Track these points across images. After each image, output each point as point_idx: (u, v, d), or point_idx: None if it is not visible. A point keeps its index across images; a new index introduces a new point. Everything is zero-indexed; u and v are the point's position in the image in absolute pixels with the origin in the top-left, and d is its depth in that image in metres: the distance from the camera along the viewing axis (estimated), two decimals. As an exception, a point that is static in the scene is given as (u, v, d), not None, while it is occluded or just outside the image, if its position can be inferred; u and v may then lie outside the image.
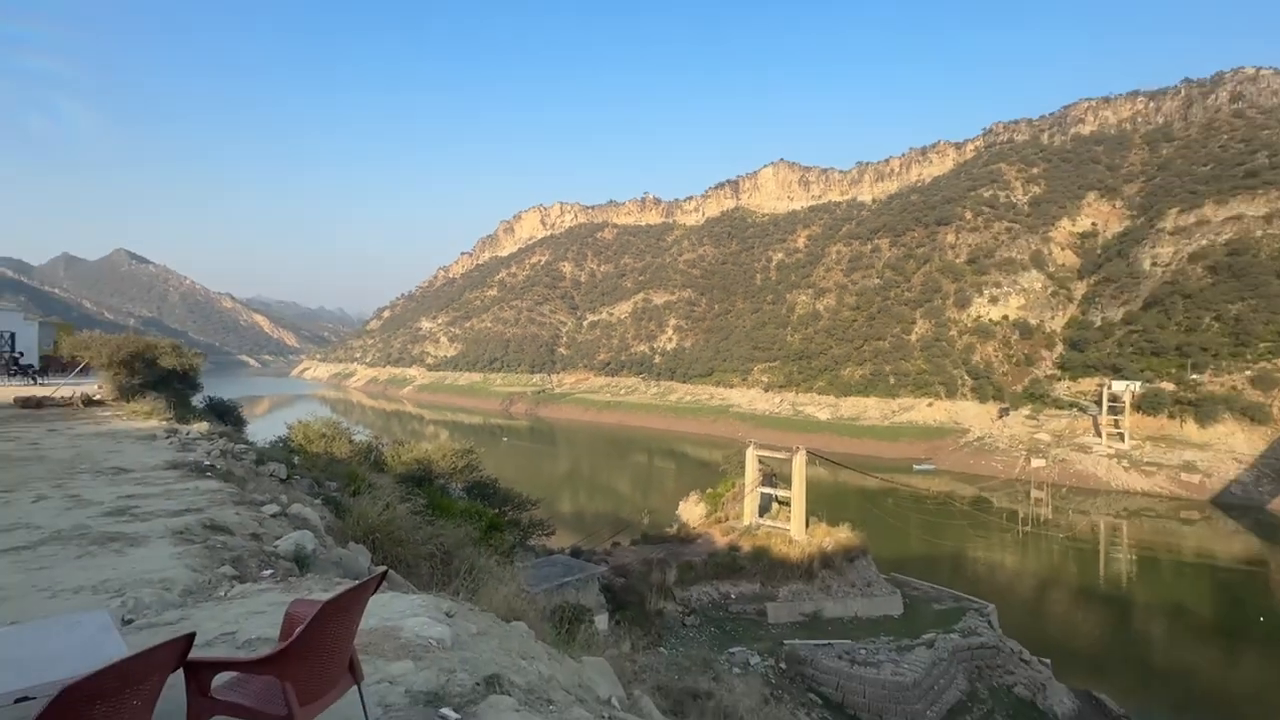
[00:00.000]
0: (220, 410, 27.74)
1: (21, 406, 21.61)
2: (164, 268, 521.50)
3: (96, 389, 24.25)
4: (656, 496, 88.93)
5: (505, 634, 5.77)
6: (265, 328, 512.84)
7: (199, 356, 28.59)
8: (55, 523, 7.94)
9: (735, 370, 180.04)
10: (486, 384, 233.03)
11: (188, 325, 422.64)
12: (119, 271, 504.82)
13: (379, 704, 3.78)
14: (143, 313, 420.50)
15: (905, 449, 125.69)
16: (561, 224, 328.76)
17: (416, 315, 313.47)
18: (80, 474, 11.21)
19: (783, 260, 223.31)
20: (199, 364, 28.09)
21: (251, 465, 13.88)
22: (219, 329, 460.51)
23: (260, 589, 6.01)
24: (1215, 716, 41.80)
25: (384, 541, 10.50)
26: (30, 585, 5.85)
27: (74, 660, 2.86)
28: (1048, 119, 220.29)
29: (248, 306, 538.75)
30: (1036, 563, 70.79)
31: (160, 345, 26.08)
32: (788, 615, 43.03)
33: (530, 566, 30.94)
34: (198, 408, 26.53)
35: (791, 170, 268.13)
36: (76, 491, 9.74)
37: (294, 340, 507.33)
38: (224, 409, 28.26)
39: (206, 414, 25.38)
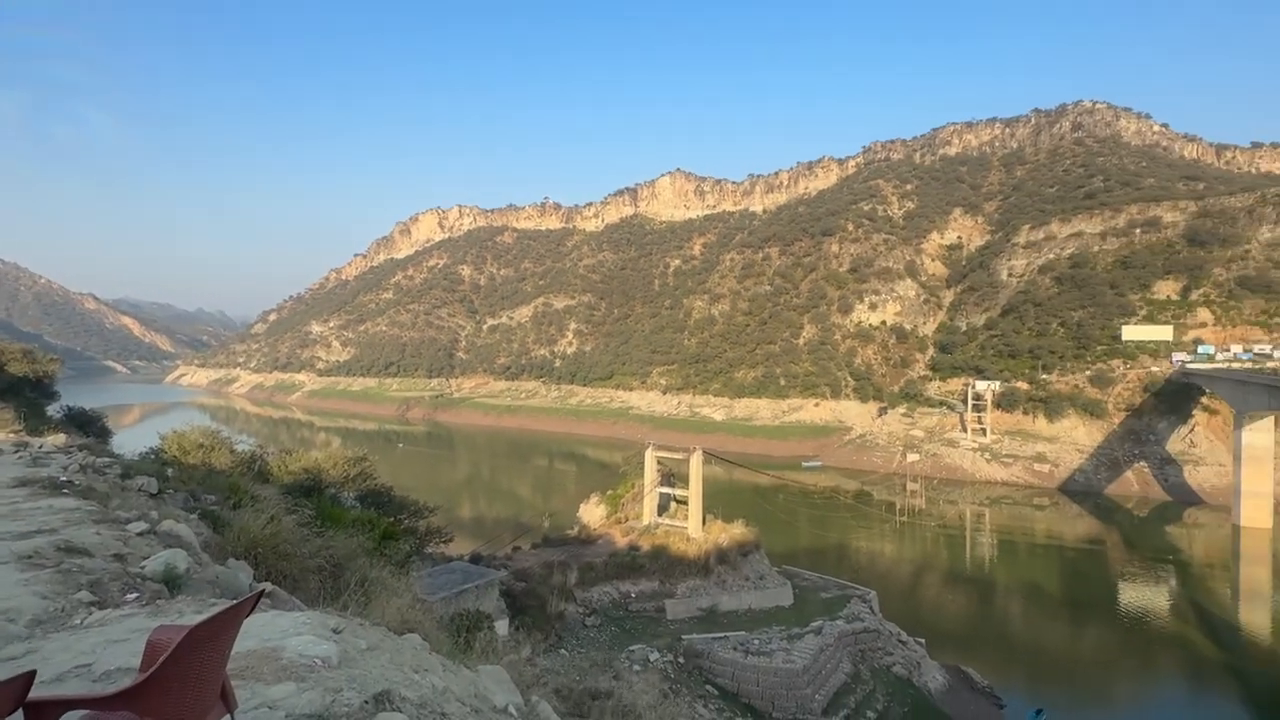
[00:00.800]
0: (81, 420, 25.34)
1: None
2: (14, 265, 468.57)
3: (-70, 399, 21.55)
4: (558, 499, 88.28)
5: (397, 647, 5.53)
6: (135, 331, 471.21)
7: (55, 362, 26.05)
8: (-127, 551, 6.94)
9: (635, 373, 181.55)
10: (382, 389, 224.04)
11: (43, 328, 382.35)
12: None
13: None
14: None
15: (795, 447, 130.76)
16: (460, 227, 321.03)
17: (306, 318, 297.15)
18: (-94, 495, 9.88)
19: (680, 267, 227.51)
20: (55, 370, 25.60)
21: (117, 480, 12.72)
22: (80, 332, 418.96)
23: (123, 615, 5.48)
24: (1064, 680, 45.89)
25: (268, 556, 9.86)
26: None
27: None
28: (919, 140, 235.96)
29: (114, 308, 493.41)
30: (912, 550, 75.34)
31: (8, 350, 23.53)
32: (686, 611, 43.73)
33: (427, 575, 29.93)
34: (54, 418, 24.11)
35: (688, 180, 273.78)
36: (-99, 515, 8.57)
37: (169, 344, 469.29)
38: (86, 419, 25.83)
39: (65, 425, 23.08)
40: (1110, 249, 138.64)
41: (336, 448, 35.75)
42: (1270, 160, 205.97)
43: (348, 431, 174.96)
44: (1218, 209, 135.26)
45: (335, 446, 45.70)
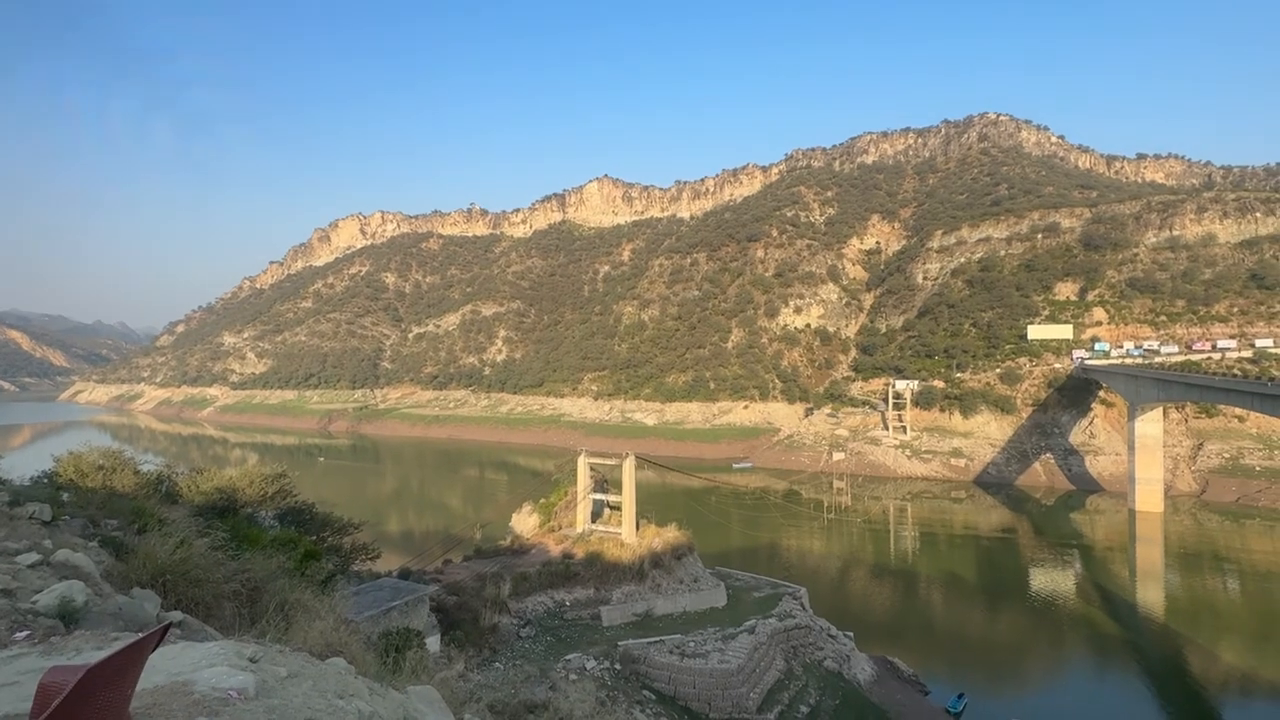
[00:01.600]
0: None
1: None
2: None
3: None
4: (490, 510, 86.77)
5: (320, 674, 5.30)
6: (24, 345, 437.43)
7: (-69, 382, 23.82)
8: None
9: (566, 380, 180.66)
10: (302, 402, 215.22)
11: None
12: None
13: (165, 773, 3.31)
14: None
15: (725, 449, 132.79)
16: (383, 233, 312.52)
17: (217, 329, 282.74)
18: None
19: (609, 272, 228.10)
20: (-69, 390, 23.40)
21: (4, 508, 11.75)
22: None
23: (11, 655, 5.06)
24: (983, 664, 48.18)
25: (177, 583, 9.31)
26: None
27: None
28: (839, 148, 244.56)
29: (0, 322, 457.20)
30: (840, 546, 77.62)
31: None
32: (621, 617, 43.69)
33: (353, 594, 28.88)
34: (-71, 443, 22.08)
35: (615, 186, 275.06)
36: None
37: (63, 359, 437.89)
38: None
39: (-58, 449, 21.15)
40: (1015, 253, 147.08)
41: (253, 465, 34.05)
42: (1154, 170, 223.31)
43: (266, 447, 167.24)
44: (1109, 215, 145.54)
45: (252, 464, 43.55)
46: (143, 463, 26.00)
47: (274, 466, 29.71)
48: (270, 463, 30.60)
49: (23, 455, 50.25)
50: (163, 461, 32.70)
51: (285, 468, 30.76)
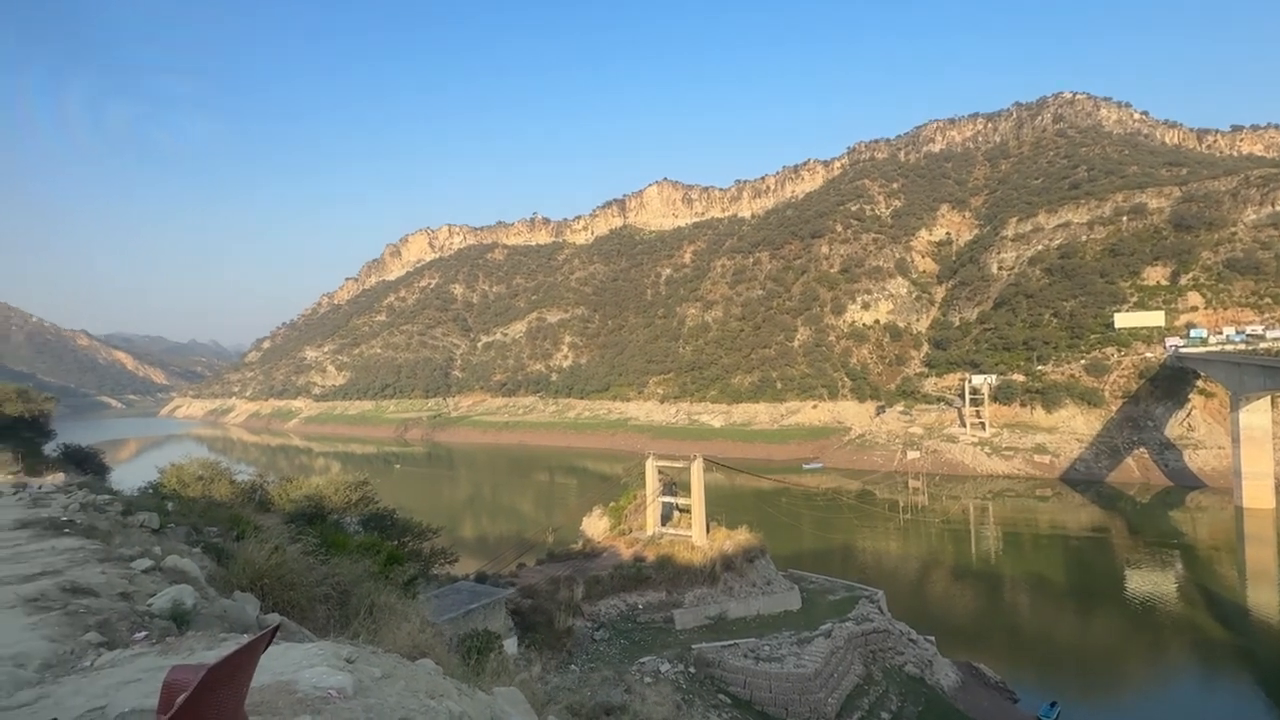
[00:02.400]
0: (78, 458, 25.21)
1: None
2: (4, 304, 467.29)
3: (-75, 444, 21.43)
4: (560, 514, 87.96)
5: (411, 674, 5.50)
6: (128, 365, 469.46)
7: (50, 401, 25.97)
8: (-124, 602, 6.87)
9: (631, 384, 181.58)
10: (379, 411, 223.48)
11: (36, 367, 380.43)
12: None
13: (276, 767, 3.50)
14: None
15: (795, 450, 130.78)
16: (450, 246, 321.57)
17: (300, 344, 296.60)
18: (-93, 543, 9.79)
19: (671, 275, 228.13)
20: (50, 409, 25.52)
21: (118, 517, 12.63)
22: (74, 369, 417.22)
23: (133, 655, 5.44)
24: (1076, 670, 45.80)
25: (274, 587, 9.79)
26: None
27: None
28: (903, 138, 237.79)
29: (106, 343, 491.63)
30: (918, 547, 75.27)
31: (3, 391, 23.42)
32: (694, 620, 43.55)
33: (434, 597, 29.78)
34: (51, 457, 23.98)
35: (675, 189, 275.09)
36: (-97, 564, 8.49)
37: (162, 377, 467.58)
38: (83, 456, 25.71)
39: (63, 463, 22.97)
40: (1098, 238, 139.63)
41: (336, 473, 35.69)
42: (1251, 143, 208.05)
43: (347, 455, 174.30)
44: (1202, 193, 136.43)
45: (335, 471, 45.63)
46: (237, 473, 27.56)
47: (356, 474, 30.98)
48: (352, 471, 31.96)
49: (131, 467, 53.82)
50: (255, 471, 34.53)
51: (366, 475, 31.99)
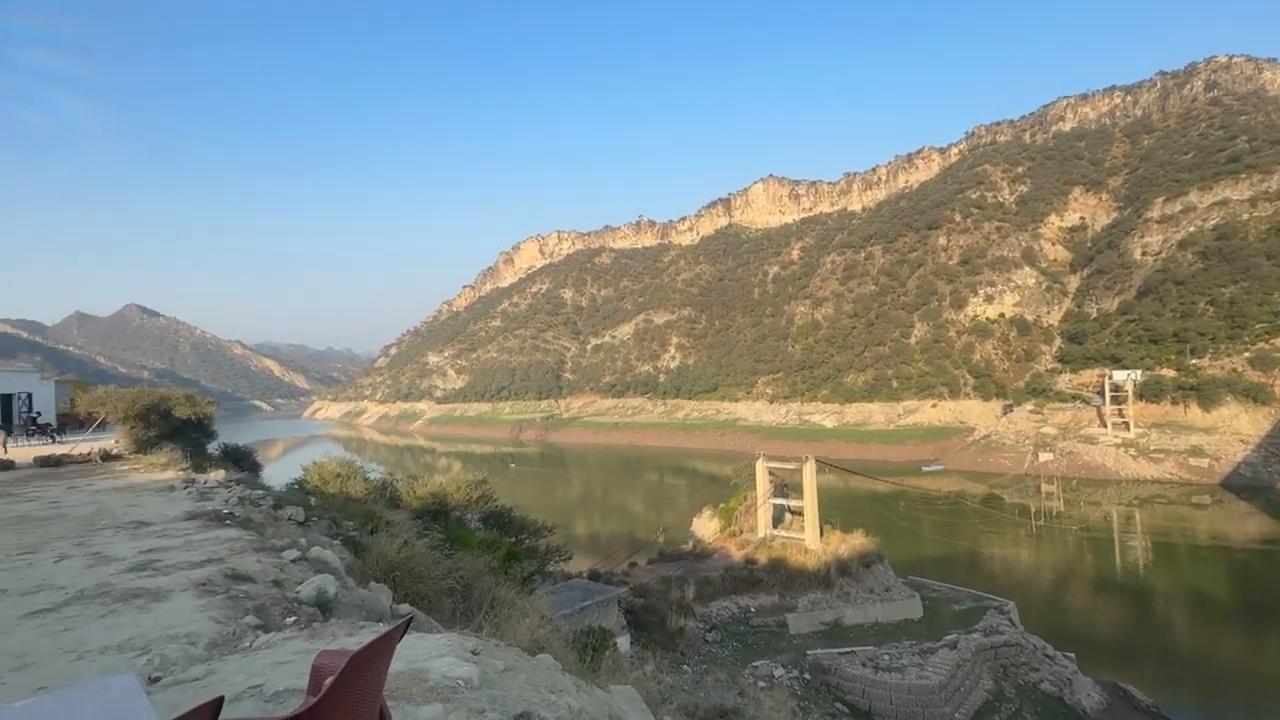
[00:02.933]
0: (236, 456, 27.73)
1: (41, 465, 21.62)
2: (174, 319, 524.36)
3: (114, 443, 24.28)
4: (670, 514, 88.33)
5: (532, 668, 5.66)
6: (276, 372, 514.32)
7: (212, 405, 28.64)
8: (78, 582, 7.86)
9: (740, 384, 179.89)
10: (496, 413, 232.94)
11: (200, 374, 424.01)
12: (130, 326, 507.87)
13: (411, 751, 3.69)
14: (155, 365, 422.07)
15: (913, 451, 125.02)
16: (560, 251, 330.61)
17: (423, 350, 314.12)
18: (101, 530, 11.14)
19: (779, 273, 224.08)
20: (212, 412, 28.14)
21: (269, 510, 13.81)
22: (231, 376, 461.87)
23: (285, 637, 5.91)
24: (1243, 700, 41.01)
25: (404, 579, 10.37)
26: (56, 649, 5.77)
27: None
28: (1028, 119, 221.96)
29: (257, 352, 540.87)
30: (1053, 556, 70.00)
31: (174, 396, 26.13)
32: (809, 625, 42.50)
33: (550, 593, 30.63)
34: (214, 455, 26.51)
35: (781, 185, 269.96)
36: (98, 548, 9.66)
37: (304, 382, 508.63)
38: (239, 455, 28.26)
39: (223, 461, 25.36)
40: (1263, 215, 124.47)
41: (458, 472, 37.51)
42: None
43: (467, 455, 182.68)
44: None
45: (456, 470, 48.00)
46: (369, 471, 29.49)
47: (475, 473, 32.42)
48: (472, 470, 33.46)
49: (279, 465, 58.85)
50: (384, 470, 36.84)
51: (485, 474, 33.42)
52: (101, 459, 22.38)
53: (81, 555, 9.28)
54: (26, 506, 14.18)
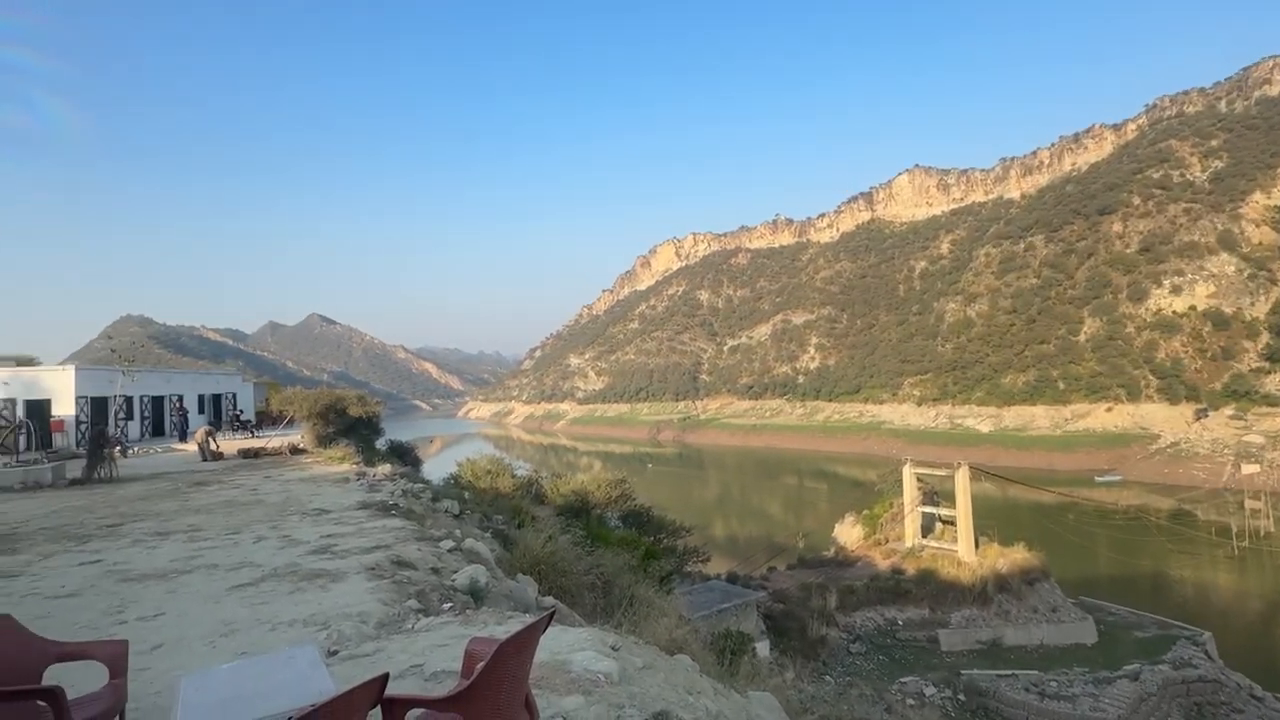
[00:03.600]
0: (399, 452, 30.18)
1: (243, 457, 24.64)
2: (349, 327, 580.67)
3: (300, 438, 27.21)
4: (810, 518, 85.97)
5: (670, 667, 5.71)
6: (434, 374, 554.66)
7: (379, 404, 31.39)
8: (272, 561, 8.89)
9: (884, 385, 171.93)
10: (634, 414, 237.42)
11: (369, 376, 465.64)
12: (313, 333, 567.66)
13: (555, 739, 3.84)
14: (332, 367, 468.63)
15: (1084, 459, 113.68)
16: (695, 253, 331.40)
17: (565, 353, 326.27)
18: (290, 516, 12.53)
19: (926, 268, 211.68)
20: (380, 411, 30.84)
21: (428, 503, 14.91)
22: (395, 378, 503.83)
23: (442, 622, 6.35)
24: None
25: (548, 572, 10.81)
26: (255, 619, 6.55)
27: (290, 695, 3.13)
28: (1225, 84, 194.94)
29: (418, 356, 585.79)
30: (1259, 583, 61.05)
31: (348, 396, 28.89)
32: (962, 643, 39.81)
33: (687, 593, 30.79)
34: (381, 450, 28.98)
35: (928, 175, 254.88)
36: (287, 532, 10.88)
37: (459, 384, 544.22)
38: (402, 450, 30.72)
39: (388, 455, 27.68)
40: None
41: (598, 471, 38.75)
42: None
43: (606, 454, 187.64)
44: None
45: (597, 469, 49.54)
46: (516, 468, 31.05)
47: (615, 472, 33.26)
48: (611, 469, 34.34)
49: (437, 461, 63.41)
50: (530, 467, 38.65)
51: (624, 474, 34.17)
52: (290, 452, 25.16)
53: (275, 538, 10.48)
54: (232, 493, 16.22)
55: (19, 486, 18.34)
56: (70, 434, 30.65)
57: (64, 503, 15.53)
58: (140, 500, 15.49)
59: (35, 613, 6.72)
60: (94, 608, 7.16)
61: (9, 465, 20.67)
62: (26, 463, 21.13)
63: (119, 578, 8.33)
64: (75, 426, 31.05)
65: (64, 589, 7.95)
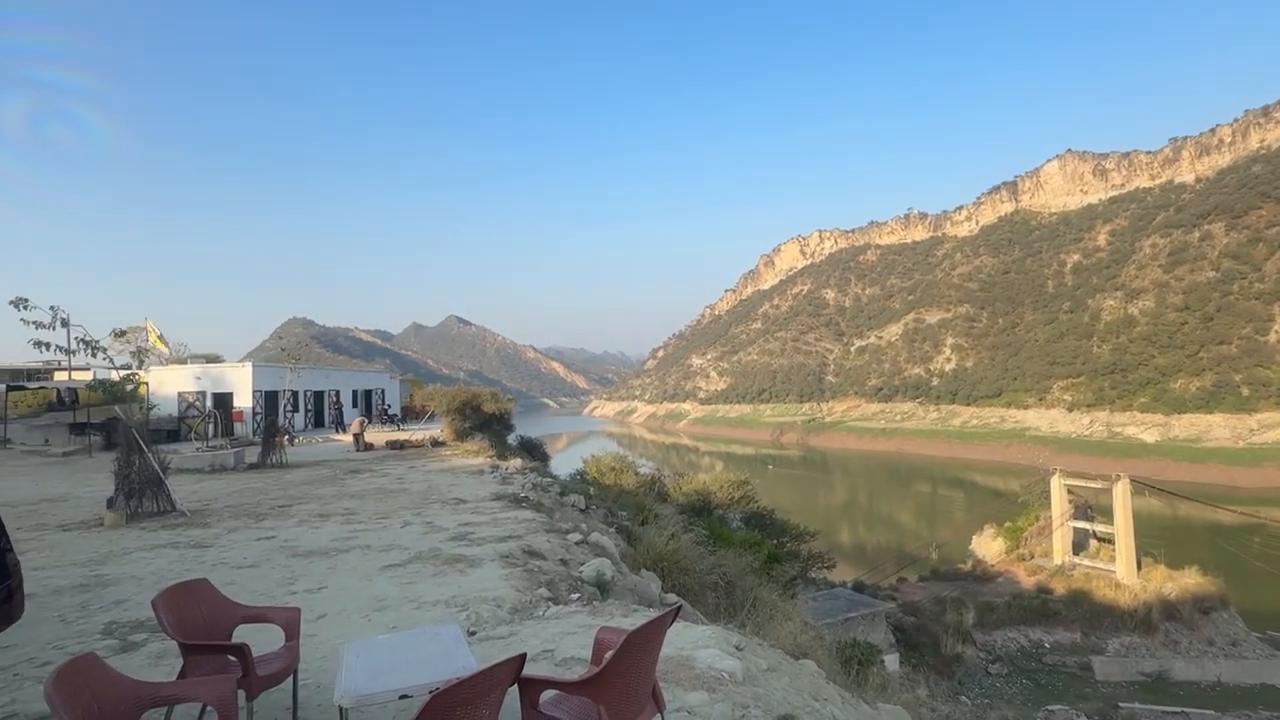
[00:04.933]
0: (529, 447, 31.52)
1: (390, 448, 26.64)
2: (482, 328, 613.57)
3: (440, 432, 29.07)
4: (944, 529, 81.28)
5: (795, 672, 5.63)
6: (560, 373, 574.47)
7: (511, 401, 32.94)
8: (417, 545, 9.59)
9: (1029, 389, 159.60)
10: (756, 415, 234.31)
11: (501, 375, 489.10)
12: (451, 334, 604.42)
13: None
14: (468, 366, 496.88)
15: (1273, 475, 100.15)
16: (821, 251, 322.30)
17: (687, 353, 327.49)
18: (431, 504, 13.45)
19: (1080, 262, 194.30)
20: (511, 408, 32.36)
21: (557, 496, 15.49)
22: (525, 376, 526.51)
23: (570, 611, 6.60)
24: None
25: (671, 570, 10.94)
26: (403, 597, 7.11)
27: (437, 667, 3.39)
28: None
29: (545, 355, 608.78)
30: None
31: (482, 394, 30.54)
32: (1121, 673, 36.21)
33: (812, 599, 30.03)
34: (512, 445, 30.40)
35: (1082, 160, 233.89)
36: (430, 519, 11.69)
37: (584, 383, 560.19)
38: (532, 446, 32.07)
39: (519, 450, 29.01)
40: None
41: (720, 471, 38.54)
42: None
43: (728, 455, 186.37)
44: None
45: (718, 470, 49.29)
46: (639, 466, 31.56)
47: (737, 473, 33.03)
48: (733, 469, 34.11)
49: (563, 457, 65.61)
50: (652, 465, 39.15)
51: (746, 475, 33.87)
52: (431, 445, 26.94)
53: (419, 523, 11.29)
54: (381, 481, 17.60)
55: (208, 469, 20.85)
56: (248, 423, 34.41)
57: (243, 484, 17.48)
58: (305, 485, 17.17)
59: (224, 580, 7.63)
60: (270, 578, 8.04)
61: (200, 450, 23.52)
62: (214, 448, 23.95)
63: (290, 553, 9.29)
64: (252, 417, 34.81)
65: (245, 560, 8.98)
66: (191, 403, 34.49)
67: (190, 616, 4.19)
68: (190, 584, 4.57)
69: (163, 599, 4.10)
